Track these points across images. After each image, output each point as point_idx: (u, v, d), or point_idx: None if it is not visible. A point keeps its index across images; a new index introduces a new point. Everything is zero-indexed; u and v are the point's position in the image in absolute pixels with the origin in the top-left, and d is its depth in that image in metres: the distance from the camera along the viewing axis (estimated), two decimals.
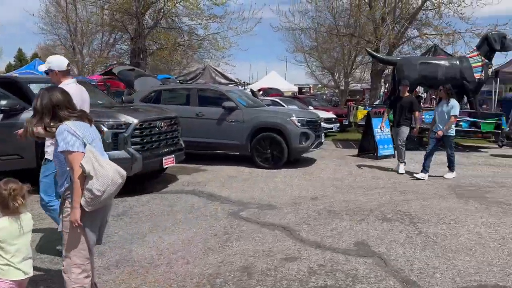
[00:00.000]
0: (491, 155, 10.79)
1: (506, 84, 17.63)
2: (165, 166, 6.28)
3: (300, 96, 19.60)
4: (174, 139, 6.55)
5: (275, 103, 15.03)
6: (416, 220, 4.96)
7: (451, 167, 7.59)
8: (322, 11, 19.28)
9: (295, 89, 29.26)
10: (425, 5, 16.05)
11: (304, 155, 9.02)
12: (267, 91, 21.00)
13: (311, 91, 49.56)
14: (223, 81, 19.94)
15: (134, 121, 5.74)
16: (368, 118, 10.11)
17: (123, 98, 7.63)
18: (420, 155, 8.57)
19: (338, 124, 15.07)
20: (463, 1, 15.40)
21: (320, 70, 31.44)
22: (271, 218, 5.00)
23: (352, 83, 31.28)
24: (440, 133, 7.31)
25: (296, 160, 8.79)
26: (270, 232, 4.49)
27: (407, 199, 5.96)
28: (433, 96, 19.57)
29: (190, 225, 4.69)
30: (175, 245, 4.10)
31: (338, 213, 5.22)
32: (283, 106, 14.83)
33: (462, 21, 15.72)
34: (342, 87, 28.73)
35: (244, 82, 22.37)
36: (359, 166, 8.70)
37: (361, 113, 11.74)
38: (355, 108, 12.45)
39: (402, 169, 7.92)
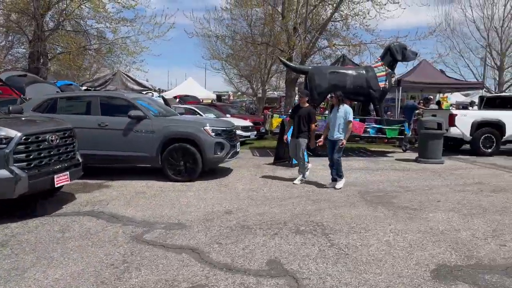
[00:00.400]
0: (396, 159, 11.44)
1: (407, 92, 19.10)
2: (57, 185, 5.51)
3: (218, 104, 19.33)
4: (69, 153, 5.80)
5: (190, 111, 14.57)
6: (328, 230, 4.87)
7: (339, 175, 7.41)
8: (238, 19, 19.30)
9: (214, 96, 28.98)
10: (333, 16, 16.80)
11: (221, 165, 8.71)
12: (183, 99, 20.40)
13: (231, 98, 49.80)
14: (137, 87, 18.95)
15: (17, 134, 4.95)
16: (282, 126, 10.12)
17: (10, 108, 6.63)
18: None
19: (255, 132, 15.05)
20: (368, 13, 16.40)
21: (238, 77, 31.58)
22: (179, 239, 4.57)
23: (269, 91, 31.89)
24: (344, 142, 7.37)
25: (212, 171, 8.45)
26: (177, 256, 4.06)
27: (320, 208, 5.92)
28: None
29: (83, 254, 4.07)
30: (61, 281, 3.49)
31: (251, 228, 4.96)
32: (200, 114, 14.46)
33: (368, 33, 16.68)
34: (260, 95, 29.09)
35: (159, 89, 21.52)
36: (275, 175, 8.61)
37: (276, 121, 11.77)
38: (270, 116, 12.47)
39: (298, 180, 7.80)
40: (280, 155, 10.25)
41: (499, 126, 12.16)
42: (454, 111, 12.46)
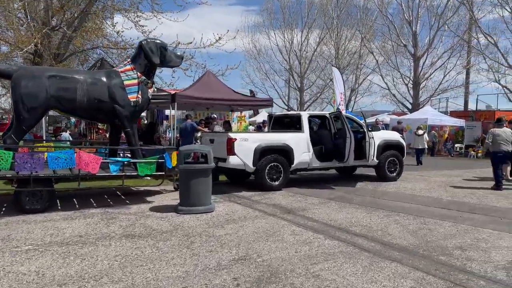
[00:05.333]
0: (152, 208, 7.67)
1: (195, 111, 16.06)
2: None
3: None
4: None
5: None
6: None
7: None
8: None
9: None
10: (91, 9, 12.54)
11: None
12: None
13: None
14: None
15: None
16: None
17: None
18: None
19: None
20: (141, 11, 12.83)
21: None
22: None
23: None
24: None
25: None
26: None
27: None
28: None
29: None
30: None
31: None
32: None
33: (144, 35, 13.22)
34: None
35: None
36: None
37: None
38: None
39: None
40: None
41: (286, 152, 9.72)
42: (232, 135, 9.46)
